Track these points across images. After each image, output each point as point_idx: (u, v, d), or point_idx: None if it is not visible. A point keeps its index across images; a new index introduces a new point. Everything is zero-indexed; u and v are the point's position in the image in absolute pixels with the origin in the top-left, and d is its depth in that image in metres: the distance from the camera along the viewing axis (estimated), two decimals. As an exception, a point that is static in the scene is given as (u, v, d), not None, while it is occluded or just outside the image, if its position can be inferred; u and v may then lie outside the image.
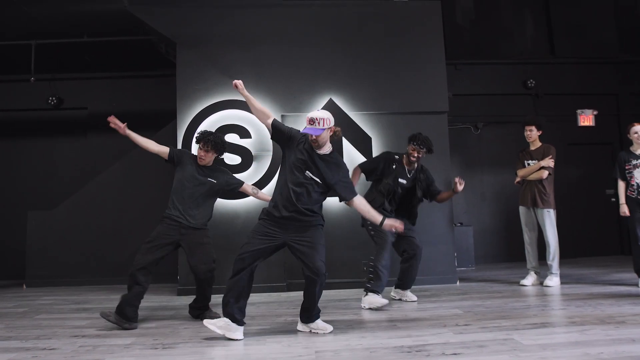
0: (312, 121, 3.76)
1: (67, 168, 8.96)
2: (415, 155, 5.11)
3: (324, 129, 3.77)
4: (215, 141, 4.67)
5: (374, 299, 4.81)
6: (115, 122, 4.59)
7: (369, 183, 5.43)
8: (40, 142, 9.09)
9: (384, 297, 4.88)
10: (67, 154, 9.02)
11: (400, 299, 5.31)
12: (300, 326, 4.02)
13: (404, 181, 5.17)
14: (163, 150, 4.67)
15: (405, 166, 5.22)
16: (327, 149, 3.91)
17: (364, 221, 5.09)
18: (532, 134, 6.08)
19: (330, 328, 3.93)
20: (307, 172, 3.80)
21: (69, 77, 8.93)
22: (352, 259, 6.28)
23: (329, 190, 3.89)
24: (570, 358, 2.93)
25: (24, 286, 7.42)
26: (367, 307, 4.82)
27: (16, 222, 8.28)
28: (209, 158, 4.69)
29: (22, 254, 7.63)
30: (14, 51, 7.97)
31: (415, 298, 5.27)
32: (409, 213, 5.34)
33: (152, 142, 4.68)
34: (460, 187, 5.20)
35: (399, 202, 5.25)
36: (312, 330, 3.92)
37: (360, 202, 3.92)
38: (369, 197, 4.96)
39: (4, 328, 4.41)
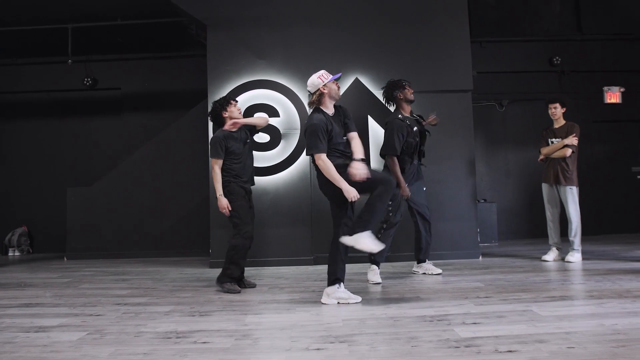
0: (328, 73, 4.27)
1: (102, 146, 9.30)
2: (410, 94, 5.26)
3: None
4: (228, 96, 5.19)
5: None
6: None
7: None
8: (77, 121, 9.44)
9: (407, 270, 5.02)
10: (103, 132, 9.36)
11: (424, 273, 5.39)
12: (325, 299, 4.11)
13: (415, 128, 5.23)
14: (219, 166, 4.85)
15: (407, 114, 5.28)
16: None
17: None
18: (556, 111, 6.13)
19: (359, 298, 4.11)
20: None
21: (103, 59, 9.22)
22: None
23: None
24: (585, 328, 3.05)
25: (65, 258, 7.82)
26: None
27: (56, 198, 8.70)
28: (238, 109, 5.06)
29: (63, 228, 8.04)
30: (51, 35, 8.28)
31: (439, 271, 5.35)
32: (420, 155, 5.39)
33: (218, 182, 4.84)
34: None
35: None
36: (340, 302, 4.07)
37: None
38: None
39: (52, 296, 4.74)
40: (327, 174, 3.98)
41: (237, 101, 5.12)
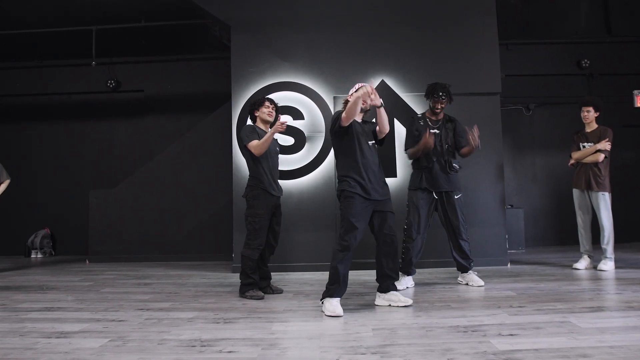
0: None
1: (125, 148, 9.32)
2: (439, 107, 5.06)
3: None
4: (263, 97, 5.04)
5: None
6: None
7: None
8: (100, 123, 9.48)
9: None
10: (125, 134, 9.38)
11: (467, 284, 5.07)
12: (379, 301, 4.15)
13: (436, 130, 5.06)
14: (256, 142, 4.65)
15: (431, 117, 5.12)
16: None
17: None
18: (590, 115, 5.94)
19: (410, 301, 4.09)
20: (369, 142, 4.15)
21: (126, 61, 9.23)
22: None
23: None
24: (630, 342, 2.90)
25: (87, 261, 7.81)
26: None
27: (79, 200, 8.71)
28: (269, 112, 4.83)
29: (85, 231, 8.03)
30: (75, 37, 8.31)
31: (482, 283, 4.99)
32: (447, 164, 5.09)
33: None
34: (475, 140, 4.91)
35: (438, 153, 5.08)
36: (392, 304, 4.07)
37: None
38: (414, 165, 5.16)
39: (74, 300, 4.68)
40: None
41: (274, 104, 4.87)
